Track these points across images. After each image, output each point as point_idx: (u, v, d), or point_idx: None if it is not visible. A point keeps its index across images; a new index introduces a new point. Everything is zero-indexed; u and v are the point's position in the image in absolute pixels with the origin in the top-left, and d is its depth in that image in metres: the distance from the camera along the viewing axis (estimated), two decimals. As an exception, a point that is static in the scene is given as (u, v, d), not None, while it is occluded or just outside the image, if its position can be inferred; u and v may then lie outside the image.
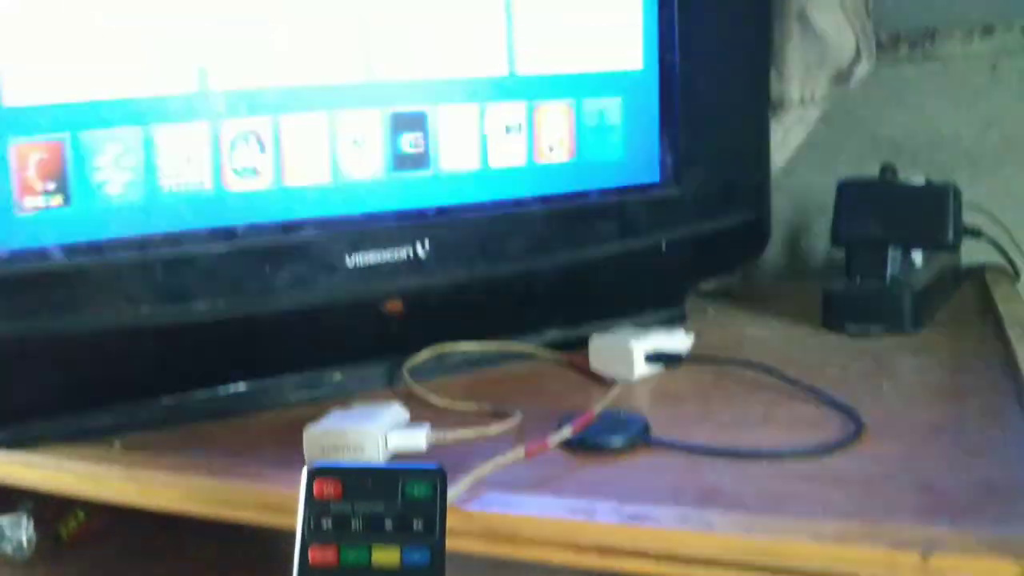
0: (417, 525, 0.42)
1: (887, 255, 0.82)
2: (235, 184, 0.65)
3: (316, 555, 0.42)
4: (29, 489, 0.63)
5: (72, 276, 0.60)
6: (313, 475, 0.43)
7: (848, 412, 0.63)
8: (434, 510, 0.42)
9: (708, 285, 0.97)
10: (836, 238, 0.85)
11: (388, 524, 0.42)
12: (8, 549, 0.69)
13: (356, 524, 0.42)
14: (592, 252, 0.78)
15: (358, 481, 0.43)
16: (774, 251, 1.05)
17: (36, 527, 0.70)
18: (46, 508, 0.70)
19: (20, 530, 0.69)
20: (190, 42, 0.63)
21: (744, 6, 0.85)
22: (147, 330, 0.62)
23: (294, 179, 0.67)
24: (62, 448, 0.62)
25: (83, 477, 0.60)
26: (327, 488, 0.43)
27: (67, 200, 0.60)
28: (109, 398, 0.65)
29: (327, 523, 0.42)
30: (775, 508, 0.51)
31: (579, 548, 0.50)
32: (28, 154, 0.59)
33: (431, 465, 0.45)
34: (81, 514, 0.73)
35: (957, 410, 0.63)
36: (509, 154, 0.74)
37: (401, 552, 0.42)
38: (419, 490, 0.43)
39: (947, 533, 0.46)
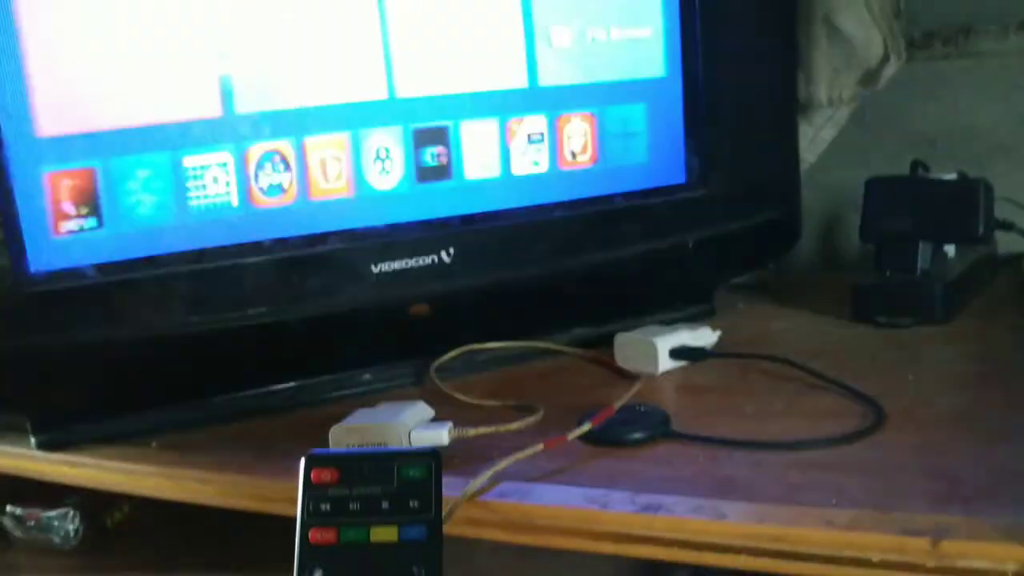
0: (413, 504, 0.43)
1: (917, 249, 0.81)
2: (261, 201, 0.67)
3: (316, 535, 0.43)
4: (75, 486, 0.66)
5: (106, 292, 0.63)
6: (311, 463, 0.44)
7: (871, 403, 0.63)
8: (429, 489, 0.43)
9: (740, 279, 0.96)
10: (865, 236, 0.84)
11: (385, 504, 0.43)
12: (57, 540, 0.75)
13: (354, 506, 0.43)
14: (618, 253, 0.79)
15: (354, 466, 0.44)
16: (808, 245, 1.04)
17: (84, 519, 0.75)
18: (95, 502, 0.74)
19: (67, 522, 0.74)
20: (214, 66, 0.65)
21: (767, 11, 0.85)
22: (178, 339, 0.65)
23: (319, 194, 0.69)
24: (103, 449, 0.65)
25: (122, 474, 0.63)
26: (324, 475, 0.44)
27: (100, 222, 0.63)
28: (145, 402, 0.68)
29: (326, 507, 0.43)
30: (789, 497, 0.51)
31: (594, 536, 0.52)
32: (61, 181, 0.62)
33: (426, 448, 0.47)
34: (126, 507, 0.78)
35: (981, 399, 0.63)
36: (532, 162, 0.76)
37: (399, 529, 0.43)
38: (414, 472, 0.44)
39: (958, 520, 0.46)
